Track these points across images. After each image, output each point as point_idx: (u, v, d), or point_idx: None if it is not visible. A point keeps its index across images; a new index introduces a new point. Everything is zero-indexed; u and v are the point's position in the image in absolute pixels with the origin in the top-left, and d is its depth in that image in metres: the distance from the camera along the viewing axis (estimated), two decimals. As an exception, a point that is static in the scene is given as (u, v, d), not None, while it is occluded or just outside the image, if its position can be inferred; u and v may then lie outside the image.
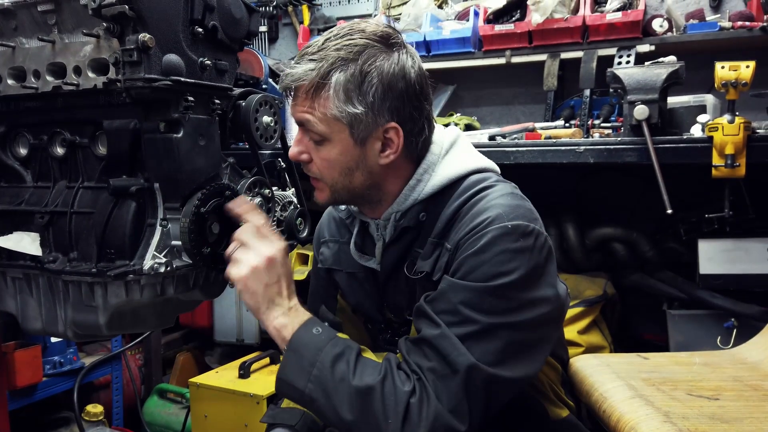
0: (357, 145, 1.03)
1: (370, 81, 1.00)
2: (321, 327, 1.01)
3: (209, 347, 2.66)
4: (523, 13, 2.28)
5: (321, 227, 1.32)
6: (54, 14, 1.04)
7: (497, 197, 1.02)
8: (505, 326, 0.95)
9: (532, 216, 1.02)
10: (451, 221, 1.05)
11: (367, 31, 1.02)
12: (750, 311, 1.68)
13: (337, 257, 1.24)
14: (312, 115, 1.02)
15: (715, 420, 1.05)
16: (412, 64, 1.04)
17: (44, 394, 2.03)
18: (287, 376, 0.99)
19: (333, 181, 1.07)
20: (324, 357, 0.96)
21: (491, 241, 0.96)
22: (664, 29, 2.11)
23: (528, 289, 0.97)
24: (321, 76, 1.00)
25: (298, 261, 2.32)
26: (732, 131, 1.48)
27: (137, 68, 0.95)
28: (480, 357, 0.93)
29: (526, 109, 2.49)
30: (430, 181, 1.08)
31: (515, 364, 0.96)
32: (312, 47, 1.03)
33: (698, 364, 1.39)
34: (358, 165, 1.05)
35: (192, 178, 1.04)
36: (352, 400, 0.93)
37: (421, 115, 1.06)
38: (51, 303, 1.09)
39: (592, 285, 1.94)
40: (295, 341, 0.99)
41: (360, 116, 1.00)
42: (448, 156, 1.10)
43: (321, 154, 1.05)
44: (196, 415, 2.02)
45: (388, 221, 1.11)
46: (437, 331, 0.95)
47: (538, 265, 0.99)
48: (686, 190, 1.78)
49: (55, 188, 1.12)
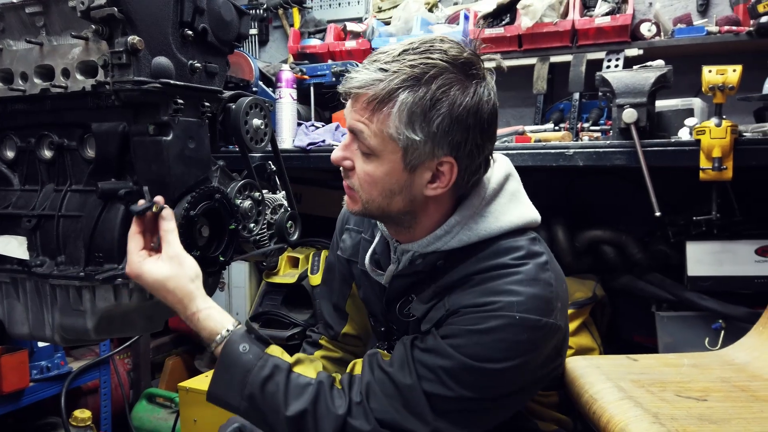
0: (406, 170, 0.96)
1: (439, 110, 0.92)
2: (248, 343, 1.00)
3: (199, 351, 2.64)
4: (513, 17, 2.29)
5: (347, 214, 1.28)
6: (42, 16, 1.04)
7: (517, 281, 0.95)
8: (476, 399, 0.95)
9: (549, 307, 0.96)
10: (462, 282, 0.99)
11: (449, 54, 0.93)
12: (737, 313, 1.69)
13: (356, 249, 1.22)
14: (368, 127, 0.95)
15: (704, 421, 1.06)
16: (488, 100, 0.96)
17: (31, 400, 2.00)
18: (219, 391, 1.01)
19: (370, 198, 1.00)
20: (253, 380, 0.97)
21: (493, 329, 0.93)
22: (652, 33, 2.13)
23: (516, 376, 0.96)
24: (388, 91, 0.92)
25: (289, 264, 2.31)
26: (719, 134, 1.49)
27: (126, 71, 0.94)
28: (440, 417, 0.94)
29: (516, 112, 2.50)
30: (458, 236, 1.01)
31: (474, 427, 0.97)
32: (386, 55, 0.94)
33: (687, 366, 1.40)
34: (401, 190, 0.98)
35: (181, 181, 1.04)
36: (287, 428, 0.96)
37: (481, 154, 0.98)
38: (38, 307, 1.08)
39: (582, 287, 1.95)
40: (223, 359, 0.99)
41: (418, 144, 0.93)
42: (488, 208, 1.02)
43: (366, 167, 0.98)
44: (186, 419, 2.01)
45: (407, 252, 1.08)
46: (409, 382, 0.95)
47: (535, 357, 0.96)
48: (674, 192, 1.79)
49: (42, 191, 1.11)
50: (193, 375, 2.33)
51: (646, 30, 2.13)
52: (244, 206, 1.17)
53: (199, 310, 1.00)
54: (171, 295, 0.98)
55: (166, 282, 0.97)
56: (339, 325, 1.30)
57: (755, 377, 1.30)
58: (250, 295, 2.36)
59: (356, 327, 1.28)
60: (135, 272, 0.97)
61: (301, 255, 2.27)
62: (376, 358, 1.03)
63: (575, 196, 2.21)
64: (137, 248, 0.98)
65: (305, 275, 2.20)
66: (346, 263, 1.25)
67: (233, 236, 1.14)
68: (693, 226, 1.70)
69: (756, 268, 1.68)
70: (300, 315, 2.20)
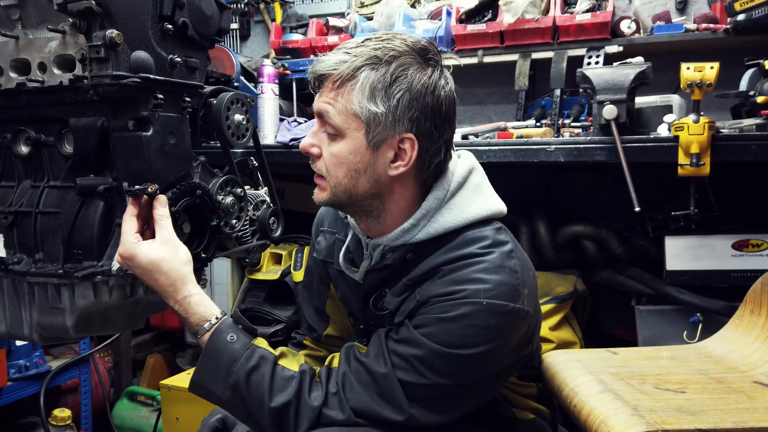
0: (369, 148, 1.00)
1: (399, 86, 0.98)
2: (236, 333, 1.02)
3: (180, 349, 2.63)
4: (495, 13, 2.30)
5: (322, 216, 1.30)
6: (17, 9, 1.02)
7: (483, 269, 0.98)
8: (450, 386, 0.97)
9: (516, 293, 0.99)
10: (431, 273, 1.02)
11: (408, 41, 1.01)
12: (715, 306, 1.72)
13: (331, 250, 1.23)
14: (333, 106, 1.00)
15: (682, 412, 1.07)
16: (444, 85, 1.02)
17: (9, 399, 1.97)
18: (203, 379, 1.02)
19: (336, 181, 1.03)
20: (239, 369, 0.99)
21: (462, 315, 0.96)
22: (631, 30, 2.15)
23: (486, 362, 0.99)
24: (352, 69, 0.98)
25: (272, 261, 2.30)
26: (697, 131, 1.51)
27: (104, 65, 0.93)
28: (415, 404, 0.97)
29: (498, 108, 2.51)
30: (425, 228, 1.04)
31: (449, 413, 1.00)
32: (351, 43, 1.02)
33: (665, 358, 1.42)
34: (366, 169, 1.02)
35: (162, 177, 1.03)
36: (270, 419, 0.98)
37: (441, 137, 1.03)
38: (15, 305, 1.07)
39: (563, 282, 1.97)
40: (210, 348, 1.01)
41: (379, 117, 0.98)
42: (452, 201, 1.06)
43: (332, 149, 1.02)
44: (168, 417, 1.99)
45: (378, 247, 1.10)
46: (384, 371, 0.98)
47: (505, 342, 0.99)
48: (653, 188, 1.82)
49: (19, 188, 1.09)
50: (175, 373, 2.32)
51: (625, 27, 2.15)
52: (225, 202, 1.16)
53: (191, 294, 1.01)
54: (164, 277, 0.99)
55: (161, 263, 0.98)
56: (321, 327, 1.31)
57: (732, 369, 1.33)
58: (232, 291, 2.35)
59: (338, 328, 1.29)
60: (129, 252, 0.98)
61: (284, 251, 2.26)
62: (353, 350, 1.05)
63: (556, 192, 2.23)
64: (132, 230, 0.99)
65: (288, 272, 2.19)
66: (323, 264, 1.26)
67: (215, 232, 1.13)
68: (671, 221, 1.72)
69: (733, 262, 1.71)
70: (283, 312, 2.20)
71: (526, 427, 1.17)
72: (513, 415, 1.16)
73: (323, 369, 1.05)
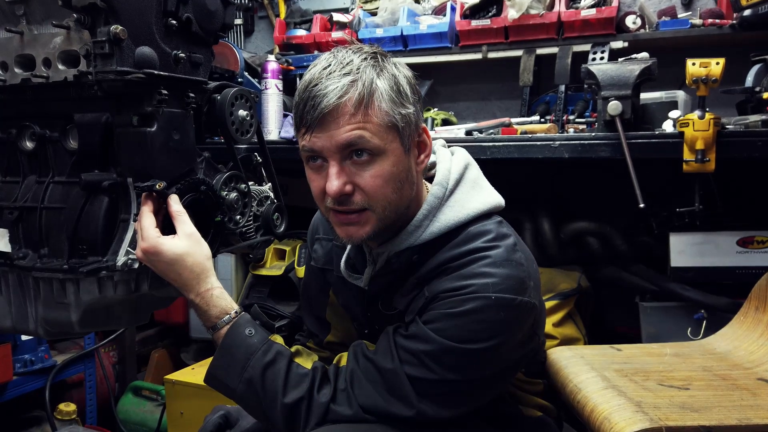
0: (405, 153, 0.99)
1: (401, 80, 0.99)
2: (254, 328, 1.03)
3: (185, 344, 2.63)
4: (499, 8, 2.29)
5: (316, 223, 1.30)
6: (22, 5, 1.02)
7: (490, 264, 0.98)
8: (459, 381, 0.98)
9: (522, 286, 0.99)
10: (438, 270, 1.02)
11: (362, 47, 1.00)
12: (719, 303, 1.71)
13: (329, 257, 1.22)
14: (365, 129, 0.94)
15: (686, 409, 1.07)
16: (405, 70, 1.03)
17: (15, 393, 1.98)
18: (219, 372, 1.03)
19: (386, 202, 0.98)
20: (255, 363, 1.00)
21: (470, 311, 0.95)
22: (637, 26, 2.14)
23: (495, 356, 0.99)
24: (368, 83, 0.94)
25: (276, 256, 2.30)
26: (702, 127, 1.51)
27: (109, 60, 0.93)
28: (424, 399, 0.97)
29: (502, 104, 2.50)
30: (429, 228, 1.03)
31: (458, 408, 1.00)
32: (332, 66, 0.95)
33: (669, 355, 1.42)
34: (407, 176, 1.00)
35: (166, 172, 1.03)
36: (282, 414, 0.99)
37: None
38: (21, 300, 1.07)
39: (567, 278, 1.96)
40: (228, 341, 1.02)
41: (410, 117, 0.98)
42: (452, 197, 1.06)
43: (372, 172, 0.96)
44: (172, 412, 2.00)
45: (383, 254, 1.08)
46: (392, 366, 0.98)
47: (513, 335, 1.00)
48: (658, 184, 1.81)
49: (24, 183, 1.09)
50: (179, 368, 2.32)
51: (631, 22, 2.14)
52: (230, 198, 1.16)
53: (214, 287, 1.04)
54: (188, 271, 1.01)
55: (185, 257, 1.00)
56: (323, 334, 1.31)
57: (736, 366, 1.33)
58: (236, 287, 2.35)
59: (339, 335, 1.28)
60: (154, 248, 0.98)
61: (287, 247, 2.27)
62: (361, 347, 1.05)
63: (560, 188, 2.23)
64: (152, 225, 1.00)
65: (292, 267, 2.20)
66: (321, 272, 1.25)
67: (219, 228, 1.14)
68: (676, 217, 1.72)
69: (737, 259, 1.71)
70: (287, 307, 2.20)
71: (532, 424, 1.17)
72: (519, 413, 1.17)
73: (332, 367, 1.05)
